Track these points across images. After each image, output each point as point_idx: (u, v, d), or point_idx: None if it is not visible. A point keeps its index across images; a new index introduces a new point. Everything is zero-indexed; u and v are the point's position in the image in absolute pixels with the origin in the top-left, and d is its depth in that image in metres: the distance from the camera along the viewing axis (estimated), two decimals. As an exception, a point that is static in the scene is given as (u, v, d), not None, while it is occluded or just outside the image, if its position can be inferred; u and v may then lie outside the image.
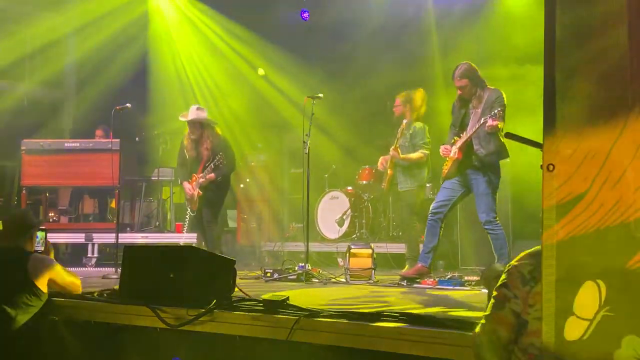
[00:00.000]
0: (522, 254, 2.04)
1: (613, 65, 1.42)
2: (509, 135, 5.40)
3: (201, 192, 6.93)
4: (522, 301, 1.89)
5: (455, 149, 5.62)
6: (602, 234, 1.34)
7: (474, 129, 5.45)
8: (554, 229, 1.38)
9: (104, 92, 9.31)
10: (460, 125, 5.68)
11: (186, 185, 7.11)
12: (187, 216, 7.37)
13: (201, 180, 6.92)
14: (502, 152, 5.55)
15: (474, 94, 5.56)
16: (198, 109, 7.09)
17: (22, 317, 3.96)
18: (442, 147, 5.82)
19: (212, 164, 6.90)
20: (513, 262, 2.03)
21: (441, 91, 7.88)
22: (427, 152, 6.60)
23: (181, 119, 7.12)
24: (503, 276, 2.03)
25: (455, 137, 5.70)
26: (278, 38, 9.63)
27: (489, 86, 5.62)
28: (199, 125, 6.97)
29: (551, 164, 1.39)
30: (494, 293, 2.03)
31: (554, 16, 1.47)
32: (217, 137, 7.10)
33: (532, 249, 1.96)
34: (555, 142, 1.40)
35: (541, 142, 1.63)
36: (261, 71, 10.54)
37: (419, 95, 6.80)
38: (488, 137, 5.44)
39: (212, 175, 6.92)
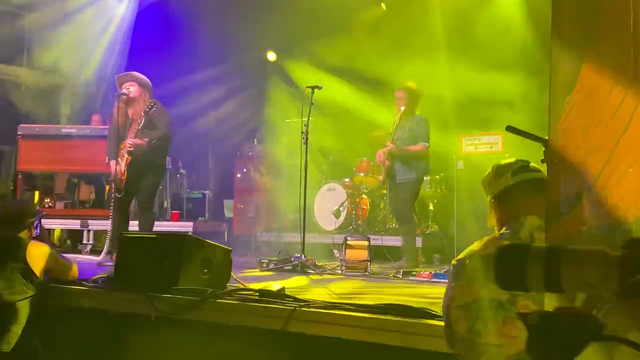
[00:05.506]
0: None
1: (619, 62, 1.41)
2: (510, 129, 5.38)
3: (130, 157, 5.97)
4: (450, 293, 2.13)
5: None
6: (605, 229, 1.34)
7: None
8: (559, 224, 1.37)
9: (101, 78, 9.27)
10: None
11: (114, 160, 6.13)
12: (113, 200, 6.22)
13: (135, 140, 5.98)
14: None
15: None
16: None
17: (20, 304, 3.95)
18: None
19: (146, 125, 6.00)
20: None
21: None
22: (427, 144, 6.57)
23: (117, 78, 6.27)
24: None
25: None
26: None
27: None
28: (135, 82, 6.14)
29: (557, 158, 1.39)
30: None
31: (562, 11, 1.46)
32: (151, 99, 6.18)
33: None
34: (561, 136, 1.39)
35: (541, 136, 1.62)
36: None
37: (418, 87, 6.78)
38: None
39: (145, 140, 6.01)
